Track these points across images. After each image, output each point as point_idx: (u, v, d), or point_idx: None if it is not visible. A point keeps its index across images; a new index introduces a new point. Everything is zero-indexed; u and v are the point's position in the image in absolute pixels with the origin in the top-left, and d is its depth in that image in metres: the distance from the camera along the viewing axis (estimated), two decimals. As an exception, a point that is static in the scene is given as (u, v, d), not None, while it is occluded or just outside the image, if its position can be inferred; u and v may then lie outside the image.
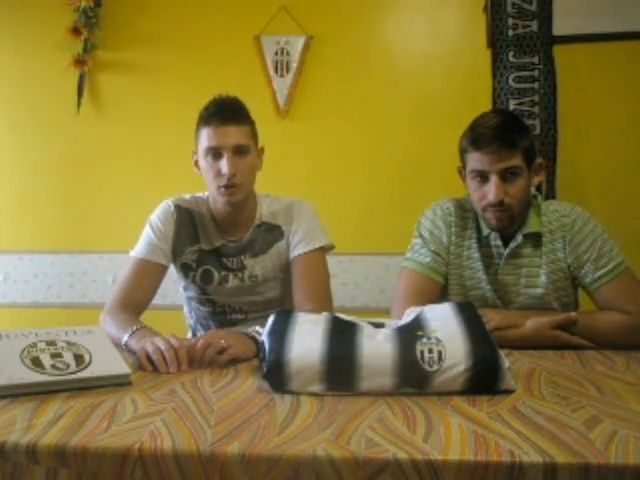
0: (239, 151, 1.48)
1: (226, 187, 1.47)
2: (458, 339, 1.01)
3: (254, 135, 1.55)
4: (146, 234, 1.57)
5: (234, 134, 1.47)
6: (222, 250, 1.58)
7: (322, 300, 1.50)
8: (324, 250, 1.59)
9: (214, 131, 1.46)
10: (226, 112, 1.48)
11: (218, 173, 1.47)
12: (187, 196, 1.64)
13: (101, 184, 2.63)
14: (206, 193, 1.63)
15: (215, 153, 1.47)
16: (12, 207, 2.68)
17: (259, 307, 1.59)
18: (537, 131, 2.37)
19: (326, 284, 1.57)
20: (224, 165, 1.46)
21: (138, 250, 1.55)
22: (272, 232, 1.59)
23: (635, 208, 2.35)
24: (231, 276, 1.59)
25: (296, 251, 1.56)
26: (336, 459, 0.75)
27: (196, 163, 1.56)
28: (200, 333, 1.69)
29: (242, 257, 1.58)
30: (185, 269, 1.61)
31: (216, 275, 1.59)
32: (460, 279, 1.52)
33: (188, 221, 1.60)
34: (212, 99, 1.51)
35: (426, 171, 2.43)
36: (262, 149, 1.59)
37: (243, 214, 1.58)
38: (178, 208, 1.60)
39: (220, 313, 1.63)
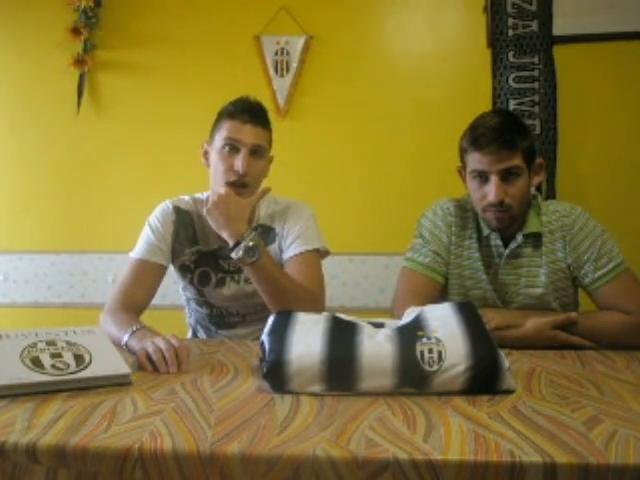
0: (255, 152, 1.48)
1: (234, 184, 1.46)
2: (458, 339, 1.01)
3: (270, 142, 1.56)
4: (145, 234, 1.57)
5: (256, 134, 1.49)
6: (220, 252, 1.57)
7: (316, 300, 1.47)
8: (319, 253, 1.56)
9: (239, 126, 1.47)
10: (254, 112, 1.50)
11: (230, 167, 1.47)
12: (186, 197, 1.64)
13: (101, 184, 2.63)
14: (205, 194, 1.63)
15: (232, 147, 1.47)
16: (12, 207, 2.68)
17: (257, 309, 1.57)
18: (537, 131, 2.36)
19: (320, 284, 1.52)
20: (239, 161, 1.45)
21: (137, 250, 1.54)
22: (267, 234, 1.57)
23: (635, 208, 2.35)
24: (228, 278, 1.58)
25: (289, 252, 1.53)
26: (336, 459, 0.75)
27: (205, 155, 1.56)
28: (200, 333, 1.69)
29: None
30: (183, 270, 1.61)
31: (213, 277, 1.59)
32: (460, 279, 1.52)
33: (187, 222, 1.59)
34: (239, 97, 1.53)
35: (426, 171, 2.43)
36: (272, 158, 1.59)
37: None
38: (177, 209, 1.60)
39: (217, 315, 1.63)
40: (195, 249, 1.59)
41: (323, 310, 1.45)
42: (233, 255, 1.39)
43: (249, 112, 1.49)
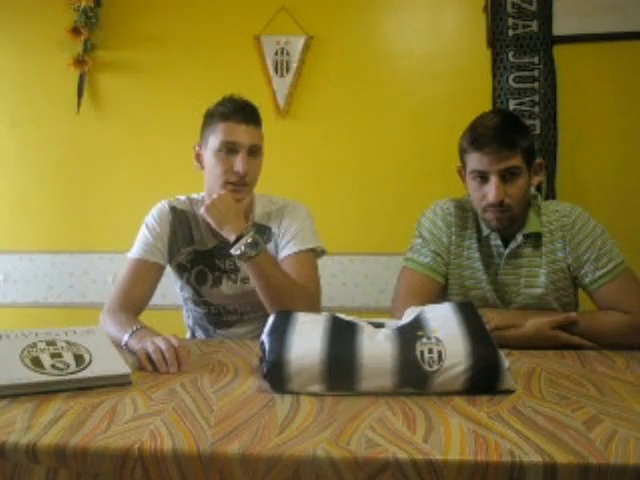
0: (253, 152, 1.49)
1: (235, 184, 1.47)
2: (458, 339, 1.01)
3: (263, 138, 1.56)
4: (142, 235, 1.57)
5: (252, 134, 1.49)
6: (216, 252, 1.57)
7: (312, 298, 1.47)
8: (315, 253, 1.56)
9: (234, 127, 1.47)
10: (246, 112, 1.49)
11: (230, 169, 1.47)
12: (182, 197, 1.64)
13: (101, 184, 2.63)
14: (201, 194, 1.63)
15: (230, 149, 1.47)
16: (12, 207, 2.68)
17: (254, 308, 1.57)
18: (537, 131, 2.36)
19: (316, 283, 1.52)
20: (239, 162, 1.45)
21: (135, 251, 1.54)
22: (263, 234, 1.56)
23: (635, 208, 2.35)
24: (224, 278, 1.58)
25: (285, 251, 1.53)
26: (336, 459, 0.75)
27: (197, 157, 1.55)
28: (199, 334, 1.69)
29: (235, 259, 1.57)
30: (180, 270, 1.61)
31: (210, 276, 1.59)
32: (460, 279, 1.52)
33: (183, 222, 1.60)
34: (227, 97, 1.52)
35: (426, 171, 2.43)
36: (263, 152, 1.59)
37: None
38: (174, 209, 1.60)
39: (215, 314, 1.63)
40: (191, 249, 1.59)
41: (319, 308, 1.45)
42: (233, 251, 1.39)
43: (242, 112, 1.48)
